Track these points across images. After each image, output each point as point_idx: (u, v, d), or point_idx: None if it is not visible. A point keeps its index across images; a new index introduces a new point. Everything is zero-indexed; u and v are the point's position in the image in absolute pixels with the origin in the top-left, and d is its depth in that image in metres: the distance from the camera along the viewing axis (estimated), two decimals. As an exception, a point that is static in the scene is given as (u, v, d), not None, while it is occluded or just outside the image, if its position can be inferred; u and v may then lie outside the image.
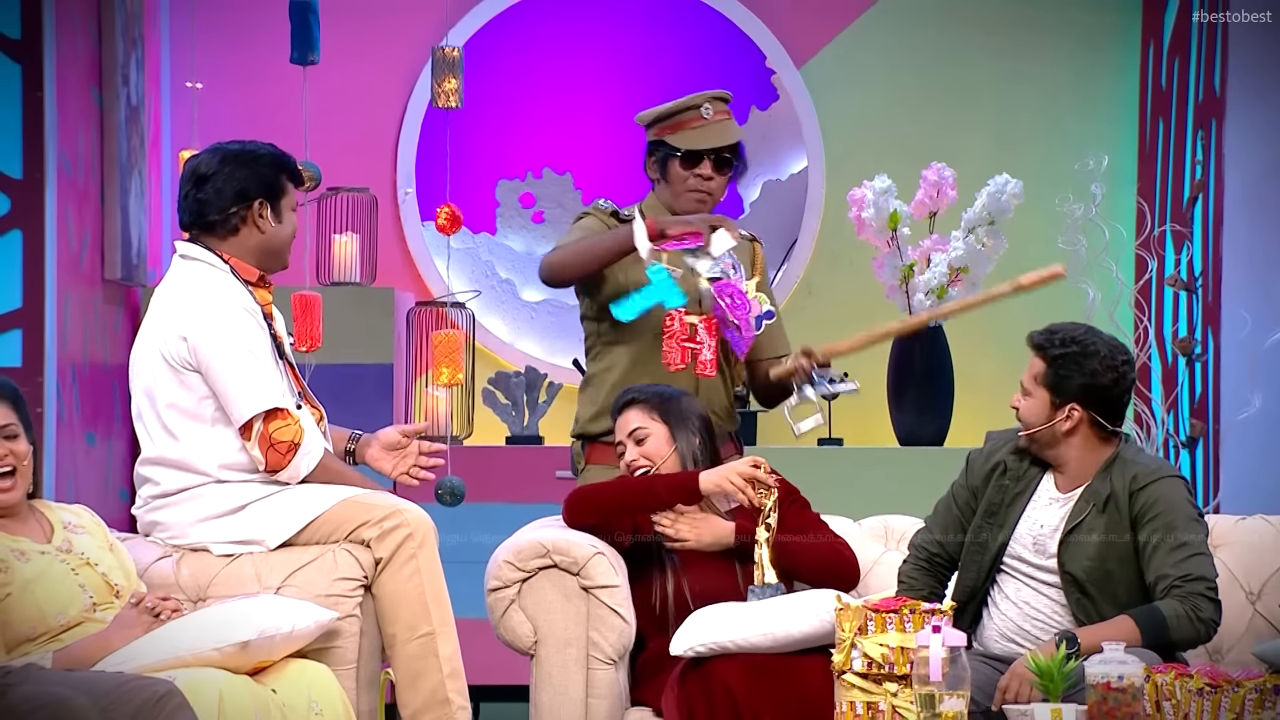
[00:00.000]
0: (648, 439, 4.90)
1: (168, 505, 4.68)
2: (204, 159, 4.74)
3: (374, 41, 7.51)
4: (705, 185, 5.20)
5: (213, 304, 4.63)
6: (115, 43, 6.78)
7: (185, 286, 4.68)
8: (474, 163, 7.57)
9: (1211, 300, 7.13)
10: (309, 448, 4.65)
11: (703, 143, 5.19)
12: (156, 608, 4.37)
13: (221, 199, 4.69)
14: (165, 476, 4.67)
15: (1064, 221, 6.85)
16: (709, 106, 5.23)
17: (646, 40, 7.63)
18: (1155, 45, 7.48)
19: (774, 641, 4.48)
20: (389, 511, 4.64)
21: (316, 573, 4.60)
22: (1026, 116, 7.62)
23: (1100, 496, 4.62)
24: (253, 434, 4.60)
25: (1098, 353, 4.64)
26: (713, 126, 5.22)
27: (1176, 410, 7.19)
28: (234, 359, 4.60)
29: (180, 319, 4.63)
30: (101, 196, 6.74)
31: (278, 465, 4.63)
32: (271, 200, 4.73)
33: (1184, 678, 4.20)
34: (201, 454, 4.64)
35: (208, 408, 4.64)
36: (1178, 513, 4.57)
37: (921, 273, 6.82)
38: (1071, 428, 4.65)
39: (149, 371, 4.67)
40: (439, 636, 4.63)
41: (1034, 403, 4.68)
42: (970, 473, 4.82)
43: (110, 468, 6.80)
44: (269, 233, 4.73)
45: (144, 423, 4.70)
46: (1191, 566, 4.52)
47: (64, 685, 4.11)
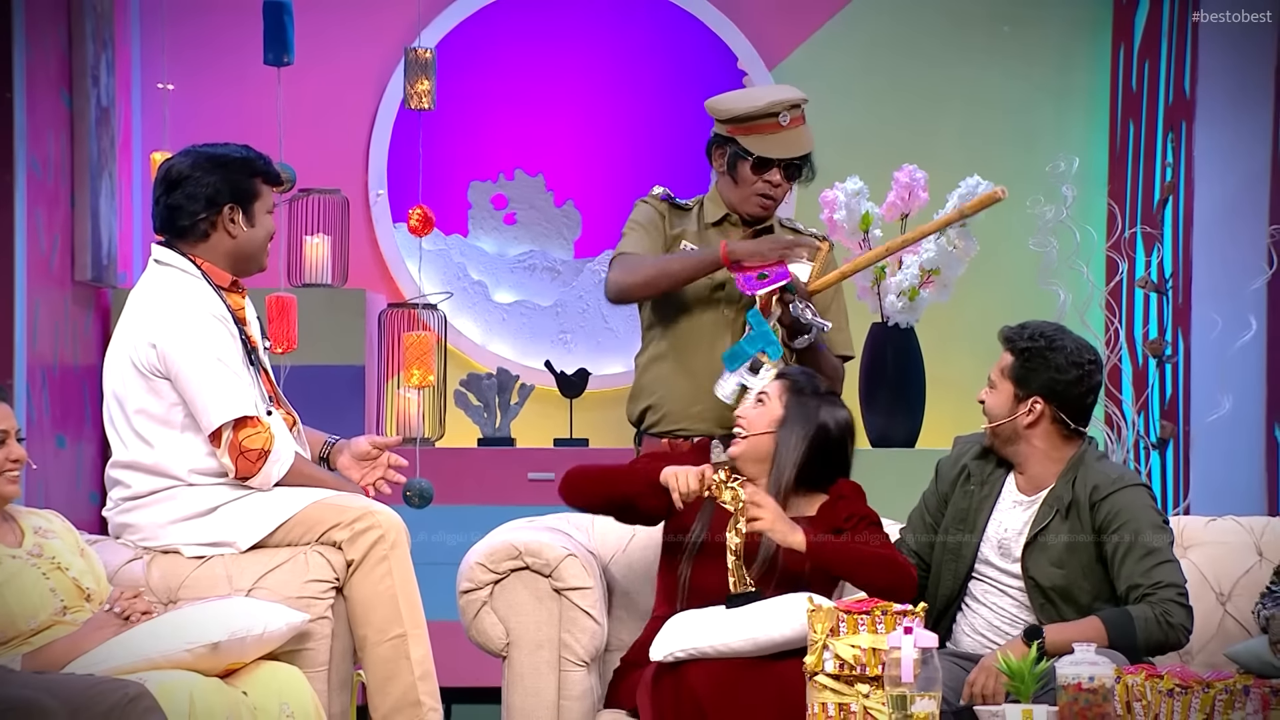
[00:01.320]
0: (762, 407, 4.76)
1: (139, 507, 4.67)
2: (176, 162, 4.73)
3: (346, 42, 7.50)
4: (773, 192, 5.14)
5: (182, 311, 4.62)
6: (85, 44, 6.76)
7: (156, 293, 4.67)
8: (446, 164, 7.56)
9: (1182, 302, 7.15)
10: (279, 455, 4.64)
11: (776, 151, 5.10)
12: (125, 610, 4.36)
13: (193, 204, 4.68)
14: (136, 480, 4.67)
15: (1035, 223, 6.86)
16: (786, 114, 5.12)
17: (619, 42, 7.63)
18: (1125, 47, 7.50)
19: (754, 645, 4.46)
20: (360, 513, 4.63)
21: (288, 575, 4.59)
22: (998, 118, 7.63)
23: (1063, 502, 4.64)
24: (222, 442, 4.60)
25: (1064, 348, 4.67)
26: (788, 135, 5.12)
27: (1147, 411, 7.21)
28: (203, 367, 4.59)
29: (150, 326, 4.62)
30: (72, 198, 6.72)
31: (248, 473, 4.62)
32: (243, 204, 4.71)
33: (1154, 679, 4.21)
34: (172, 459, 4.64)
35: (178, 414, 4.63)
36: (1143, 520, 4.59)
37: (893, 274, 6.82)
38: (1033, 421, 4.67)
39: (119, 377, 4.66)
40: (411, 638, 4.63)
41: (999, 395, 4.71)
42: (940, 479, 4.84)
43: (80, 470, 6.78)
44: (240, 238, 4.71)
45: (115, 427, 4.69)
46: (1161, 574, 4.54)
47: (33, 687, 4.10)
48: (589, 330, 7.61)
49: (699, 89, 7.61)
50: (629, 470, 4.77)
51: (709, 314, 5.14)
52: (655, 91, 7.62)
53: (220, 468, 4.63)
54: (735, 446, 4.76)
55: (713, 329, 5.13)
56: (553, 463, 7.01)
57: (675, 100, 7.62)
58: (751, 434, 4.75)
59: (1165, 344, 7.16)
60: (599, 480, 4.75)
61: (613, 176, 7.61)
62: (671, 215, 5.23)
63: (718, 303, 5.14)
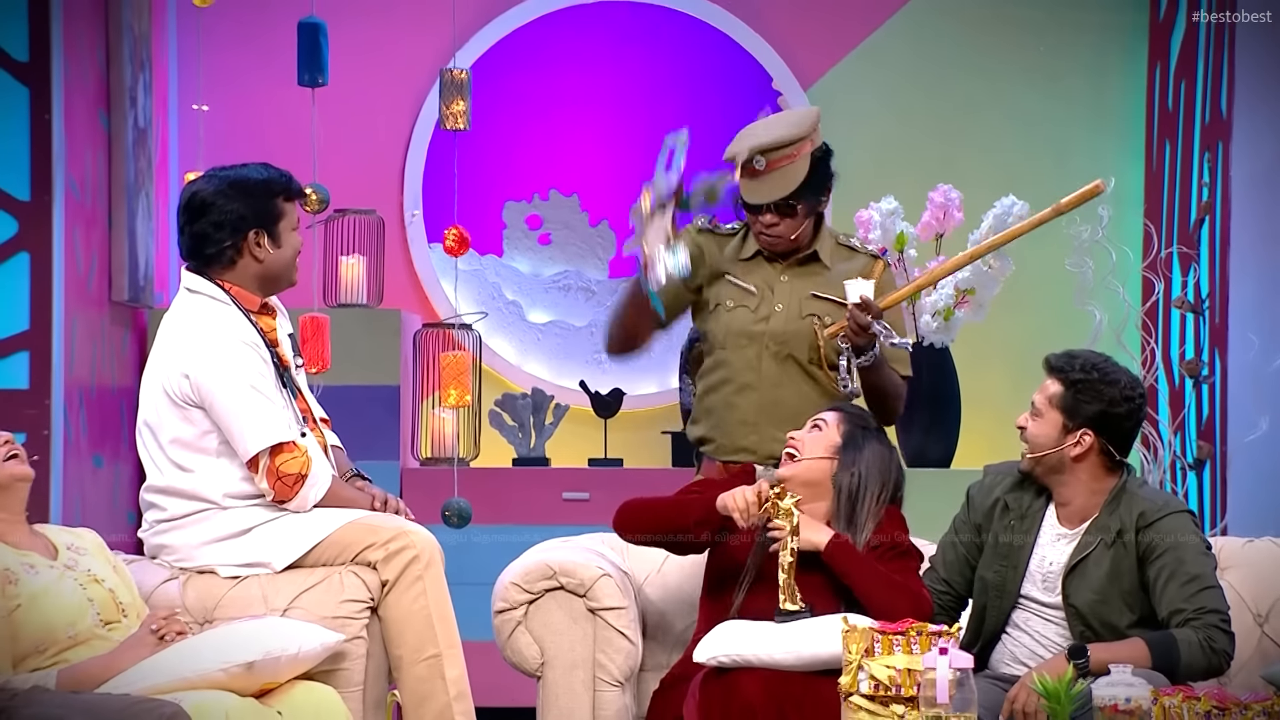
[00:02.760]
0: (818, 433, 4.77)
1: (174, 529, 4.69)
2: (199, 189, 4.72)
3: (382, 64, 7.52)
4: (770, 231, 5.09)
5: (213, 340, 4.63)
6: (123, 65, 6.80)
7: (187, 322, 4.68)
8: (481, 184, 7.57)
9: (1218, 322, 7.13)
10: (316, 478, 4.65)
11: (753, 197, 5.07)
12: (161, 629, 4.37)
13: (218, 233, 4.68)
14: (171, 504, 4.68)
15: (1071, 244, 6.84)
16: (760, 159, 5.07)
17: (653, 63, 7.64)
18: (1162, 67, 7.49)
19: (798, 660, 4.47)
20: (395, 534, 4.64)
21: (323, 595, 4.60)
22: (1033, 138, 7.62)
23: (1109, 532, 4.61)
24: (260, 468, 4.61)
25: (1118, 382, 4.63)
26: (767, 179, 5.05)
27: (1183, 432, 7.18)
28: (237, 396, 4.60)
29: (182, 356, 4.63)
30: (109, 219, 6.75)
31: (286, 497, 4.63)
32: (267, 227, 4.71)
33: (1191, 700, 4.18)
34: (207, 484, 4.65)
35: (212, 441, 4.65)
36: (1187, 547, 4.56)
37: (928, 294, 6.81)
38: (1081, 454, 4.63)
39: (152, 405, 4.68)
40: (446, 659, 4.63)
41: (1044, 424, 4.66)
42: (972, 508, 4.79)
43: (117, 490, 6.80)
44: (267, 260, 4.72)
45: (149, 453, 4.70)
46: (1205, 600, 4.51)
47: (69, 709, 4.10)
48: (624, 350, 7.61)
49: (733, 110, 7.61)
50: (682, 503, 4.79)
51: (752, 348, 5.11)
52: (690, 112, 7.63)
53: (255, 490, 4.65)
54: (786, 468, 4.76)
55: (758, 362, 5.10)
56: (587, 483, 7.01)
57: (710, 121, 7.62)
58: (805, 458, 4.76)
59: (1202, 364, 7.13)
60: (653, 515, 4.78)
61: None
62: (711, 244, 5.20)
63: (760, 335, 5.10)
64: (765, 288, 5.10)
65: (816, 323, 5.06)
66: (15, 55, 6.13)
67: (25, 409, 6.02)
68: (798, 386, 5.06)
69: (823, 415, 4.81)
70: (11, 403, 6.00)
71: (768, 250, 5.13)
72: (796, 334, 5.06)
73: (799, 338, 5.06)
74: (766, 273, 5.13)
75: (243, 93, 7.43)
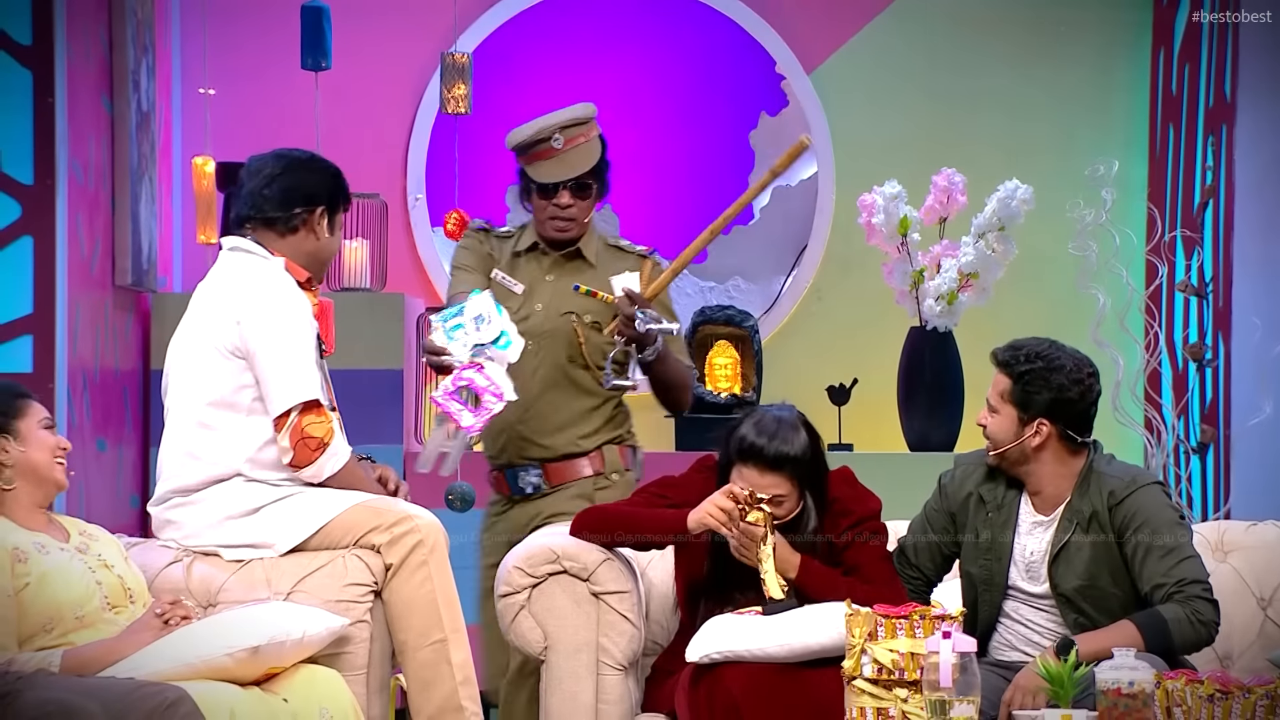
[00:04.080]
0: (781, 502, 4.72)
1: (186, 504, 4.67)
2: (270, 158, 4.79)
3: (384, 47, 7.51)
4: (564, 213, 5.19)
5: (271, 291, 4.66)
6: (126, 49, 6.79)
7: (240, 276, 4.70)
8: (483, 168, 7.57)
9: (1222, 306, 7.13)
10: (336, 449, 4.66)
11: (551, 175, 5.17)
12: (166, 614, 4.38)
13: (288, 197, 4.74)
14: (187, 471, 4.66)
15: (1074, 227, 6.84)
16: (559, 136, 5.17)
17: (656, 46, 7.63)
18: (1165, 50, 7.48)
19: (790, 652, 4.47)
20: (400, 517, 4.64)
21: (326, 578, 4.61)
22: (1037, 122, 7.61)
23: (1083, 515, 4.61)
24: (286, 425, 4.61)
25: (1063, 367, 4.63)
26: (565, 156, 5.18)
27: (1187, 416, 7.18)
28: (283, 347, 4.62)
29: (236, 304, 4.65)
30: (112, 203, 6.75)
31: (304, 461, 4.63)
32: (331, 212, 4.79)
33: (1195, 684, 4.19)
34: (231, 446, 4.64)
35: (246, 397, 4.64)
36: (1160, 519, 4.57)
37: (931, 278, 6.81)
38: (1041, 443, 4.64)
39: (189, 362, 4.66)
40: (451, 643, 4.63)
41: (1001, 420, 4.67)
42: (945, 496, 4.79)
43: (121, 474, 6.80)
44: (323, 241, 4.79)
45: (176, 415, 4.69)
46: (1184, 570, 4.52)
47: (74, 691, 4.12)
48: (627, 334, 7.61)
49: (737, 94, 7.61)
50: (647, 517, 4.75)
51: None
52: (693, 96, 7.62)
53: (274, 462, 4.64)
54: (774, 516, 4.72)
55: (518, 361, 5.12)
56: (591, 467, 7.00)
57: (713, 105, 7.62)
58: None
59: (1205, 348, 7.13)
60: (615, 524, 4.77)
61: (650, 180, 7.61)
62: (489, 241, 5.29)
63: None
64: (529, 287, 5.21)
65: (575, 321, 5.15)
66: (18, 39, 6.12)
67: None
68: (557, 387, 5.18)
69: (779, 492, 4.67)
70: (15, 387, 5.99)
71: (552, 239, 5.19)
72: (554, 332, 5.17)
73: (556, 336, 5.16)
74: (534, 271, 5.22)
75: (246, 77, 7.43)
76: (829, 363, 7.42)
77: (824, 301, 7.63)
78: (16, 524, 4.39)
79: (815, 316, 7.57)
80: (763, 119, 7.66)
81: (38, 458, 4.45)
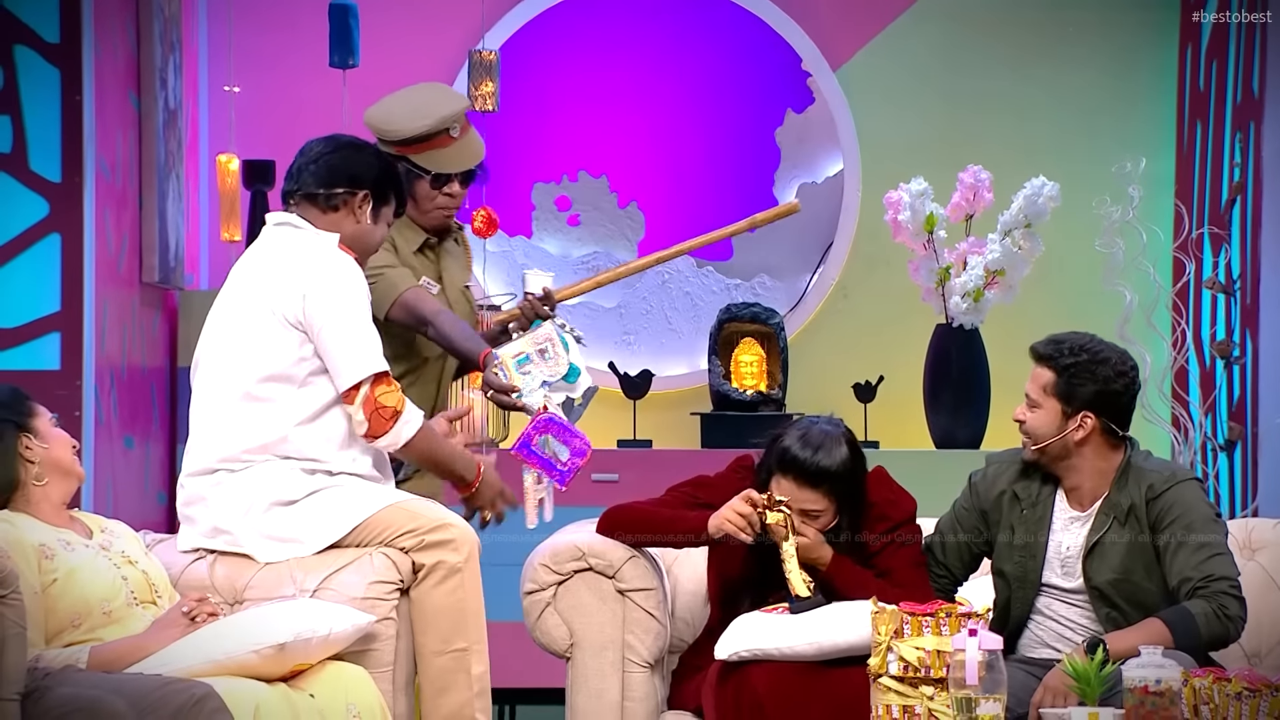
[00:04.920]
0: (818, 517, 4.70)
1: (220, 482, 4.61)
2: (323, 140, 4.77)
3: (411, 45, 7.52)
4: (452, 202, 5.17)
5: (332, 265, 4.62)
6: (153, 47, 6.81)
7: (297, 249, 4.65)
8: (510, 166, 7.58)
9: (1250, 303, 7.11)
10: (409, 416, 4.63)
11: (454, 165, 5.12)
12: (193, 611, 4.39)
13: (333, 175, 4.70)
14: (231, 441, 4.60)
15: (1101, 224, 6.83)
16: (456, 126, 5.13)
17: (682, 43, 7.63)
18: (1193, 47, 7.46)
19: (818, 650, 4.46)
20: (437, 524, 4.61)
21: (353, 576, 4.60)
22: (1064, 119, 7.60)
23: (1121, 509, 4.60)
24: (358, 397, 4.58)
25: (1108, 359, 4.62)
26: (462, 144, 5.13)
27: (1214, 413, 7.16)
28: (352, 320, 4.58)
29: (301, 276, 4.59)
30: (139, 200, 6.77)
31: (380, 430, 4.60)
32: (376, 200, 4.74)
33: (1222, 681, 4.18)
34: (280, 419, 4.58)
35: (303, 369, 4.60)
36: (1195, 514, 4.56)
37: (958, 275, 6.81)
38: (1084, 437, 4.63)
39: (240, 334, 4.60)
40: (473, 654, 4.61)
41: (1043, 414, 4.65)
42: (976, 495, 4.77)
43: (148, 471, 6.82)
44: (363, 226, 4.73)
45: (220, 388, 4.63)
46: (1213, 567, 4.51)
47: (101, 688, 4.13)
48: (652, 331, 7.62)
49: (763, 90, 7.60)
50: (670, 518, 4.75)
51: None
52: (719, 92, 7.62)
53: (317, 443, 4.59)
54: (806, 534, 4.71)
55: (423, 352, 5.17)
56: (617, 464, 7.02)
57: (739, 101, 7.62)
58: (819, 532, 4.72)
59: (1233, 345, 7.12)
60: (639, 525, 4.77)
61: (677, 178, 7.61)
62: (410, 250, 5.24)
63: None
64: (434, 278, 5.19)
65: (481, 312, 5.20)
66: (46, 37, 6.14)
67: (56, 390, 6.04)
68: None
69: (816, 508, 4.66)
70: (43, 384, 6.02)
71: (440, 225, 5.18)
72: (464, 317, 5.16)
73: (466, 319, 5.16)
74: (429, 265, 5.21)
75: (274, 74, 7.44)
76: (855, 360, 7.42)
77: (850, 299, 7.62)
78: (41, 521, 4.41)
79: (841, 314, 7.57)
80: (789, 116, 7.66)
81: (60, 453, 4.47)
